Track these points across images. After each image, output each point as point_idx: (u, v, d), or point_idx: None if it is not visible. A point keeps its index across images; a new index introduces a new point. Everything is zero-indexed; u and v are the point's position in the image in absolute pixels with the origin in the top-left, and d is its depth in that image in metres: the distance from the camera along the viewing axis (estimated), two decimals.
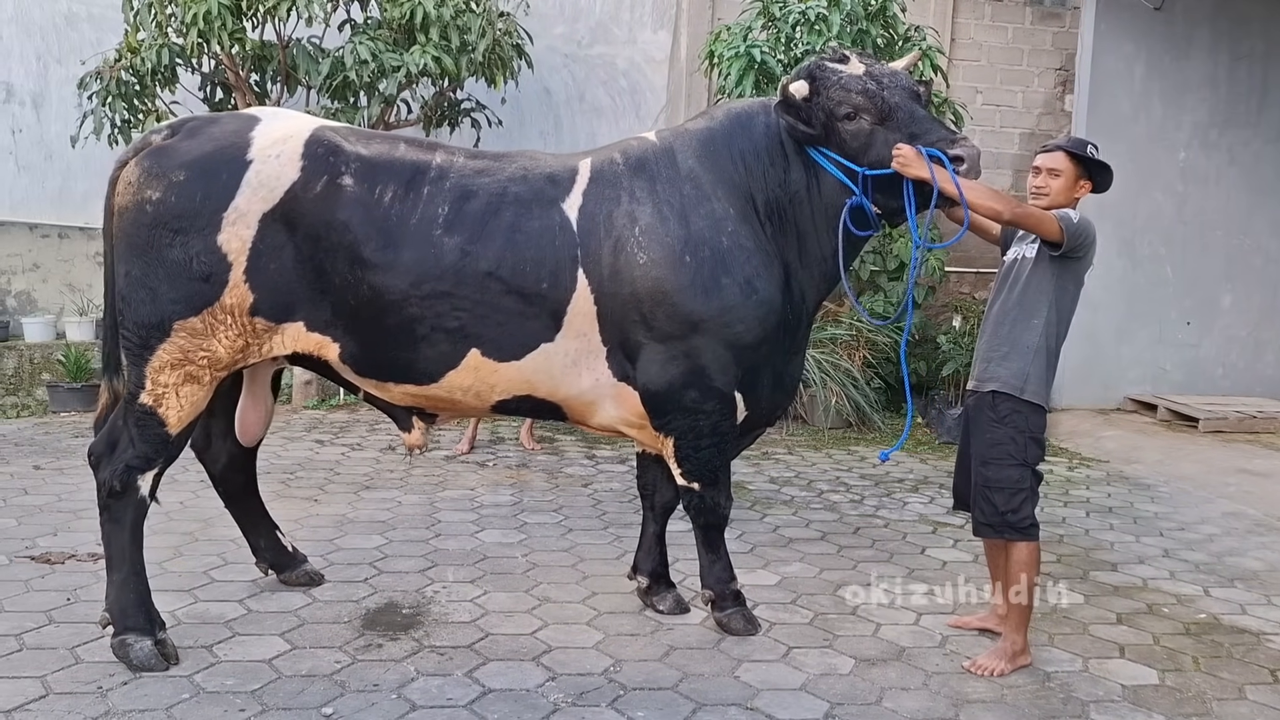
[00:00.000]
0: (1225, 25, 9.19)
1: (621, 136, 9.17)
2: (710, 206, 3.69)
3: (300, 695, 3.28)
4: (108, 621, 3.51)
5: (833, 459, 7.30)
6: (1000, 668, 3.67)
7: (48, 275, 8.92)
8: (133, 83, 7.56)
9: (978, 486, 3.78)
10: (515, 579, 4.47)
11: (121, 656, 3.44)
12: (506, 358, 3.63)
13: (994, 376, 3.76)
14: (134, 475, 3.54)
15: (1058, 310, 3.74)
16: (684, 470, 3.83)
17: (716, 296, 3.61)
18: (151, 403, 3.51)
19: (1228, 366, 9.57)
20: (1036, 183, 3.80)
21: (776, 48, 7.74)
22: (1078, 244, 3.65)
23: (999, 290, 3.87)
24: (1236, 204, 9.38)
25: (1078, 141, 3.86)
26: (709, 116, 3.97)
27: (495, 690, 3.37)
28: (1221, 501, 6.43)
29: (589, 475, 6.51)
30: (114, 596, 3.52)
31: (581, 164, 3.79)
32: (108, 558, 3.58)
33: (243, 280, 3.44)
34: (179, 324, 3.45)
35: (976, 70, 9.96)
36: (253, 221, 3.42)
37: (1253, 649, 4.02)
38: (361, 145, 3.62)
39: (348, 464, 6.56)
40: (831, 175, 3.70)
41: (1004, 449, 3.71)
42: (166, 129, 3.61)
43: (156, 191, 3.41)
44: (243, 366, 3.66)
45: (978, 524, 3.82)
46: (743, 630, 3.92)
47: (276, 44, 7.67)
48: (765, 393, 3.87)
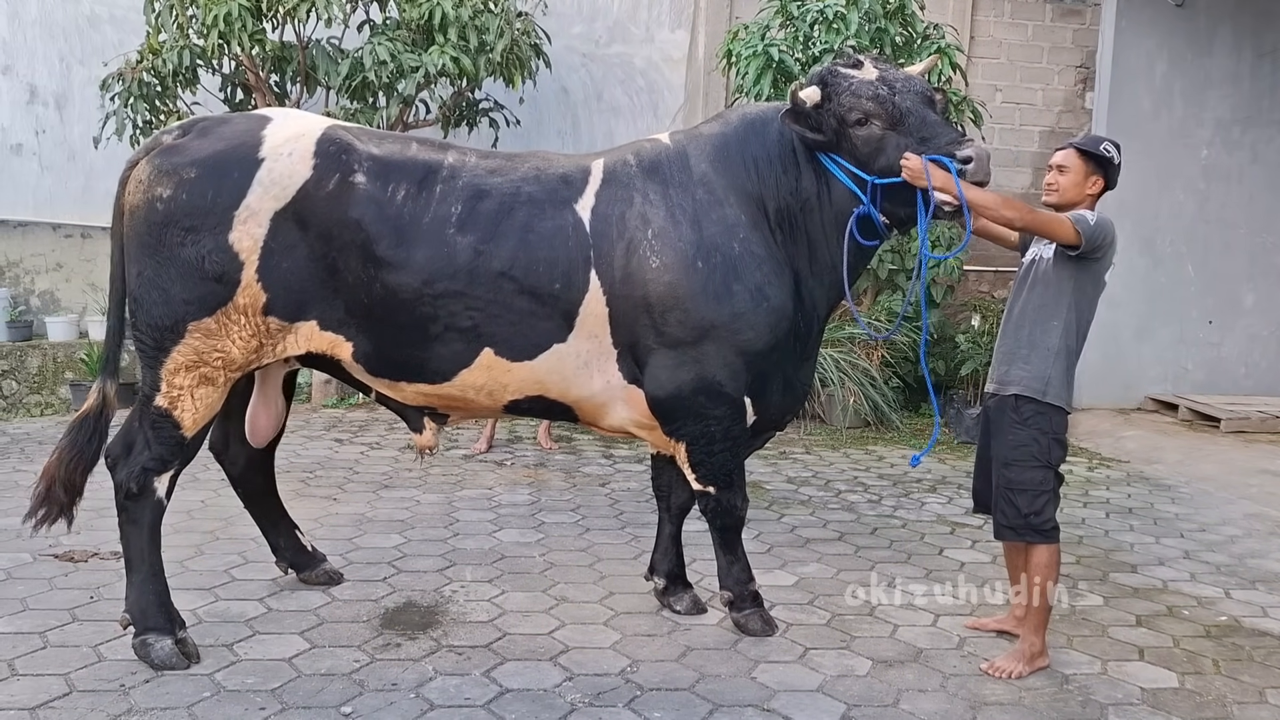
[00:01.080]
0: (1248, 21, 9.10)
1: (639, 136, 9.21)
2: (722, 212, 3.69)
3: (319, 694, 3.30)
4: (128, 622, 3.54)
5: (851, 459, 7.28)
6: (1018, 669, 3.66)
7: (71, 275, 9.02)
8: (154, 84, 7.63)
9: (1000, 489, 3.76)
10: (533, 578, 4.48)
11: (143, 656, 3.47)
12: (520, 357, 3.64)
13: (1015, 379, 3.74)
14: (150, 477, 3.55)
15: (1077, 311, 3.72)
16: (698, 475, 3.84)
17: (728, 303, 3.61)
18: (166, 405, 3.52)
19: (1250, 366, 9.48)
20: (1048, 180, 3.80)
21: (794, 46, 7.73)
22: (1095, 245, 3.63)
23: (1018, 291, 3.85)
24: (1259, 202, 9.29)
25: (1090, 139, 3.84)
26: (723, 120, 3.96)
27: (513, 690, 3.39)
28: (1243, 503, 6.37)
29: (606, 475, 6.52)
30: (134, 597, 3.56)
31: (594, 164, 3.79)
32: (126, 559, 3.60)
33: (255, 279, 3.45)
34: (193, 325, 3.45)
35: (996, 68, 9.91)
36: (264, 220, 3.42)
37: (1274, 652, 3.99)
38: (374, 144, 3.63)
39: (366, 463, 6.60)
40: (840, 185, 3.69)
41: (1027, 451, 3.70)
42: (178, 129, 3.63)
43: (167, 189, 3.41)
44: (256, 367, 3.67)
45: (999, 526, 3.80)
46: (760, 631, 3.92)
47: (296, 45, 7.72)
48: (775, 398, 3.88)
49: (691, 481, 3.88)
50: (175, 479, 3.65)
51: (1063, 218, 3.61)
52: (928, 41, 7.92)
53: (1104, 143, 3.77)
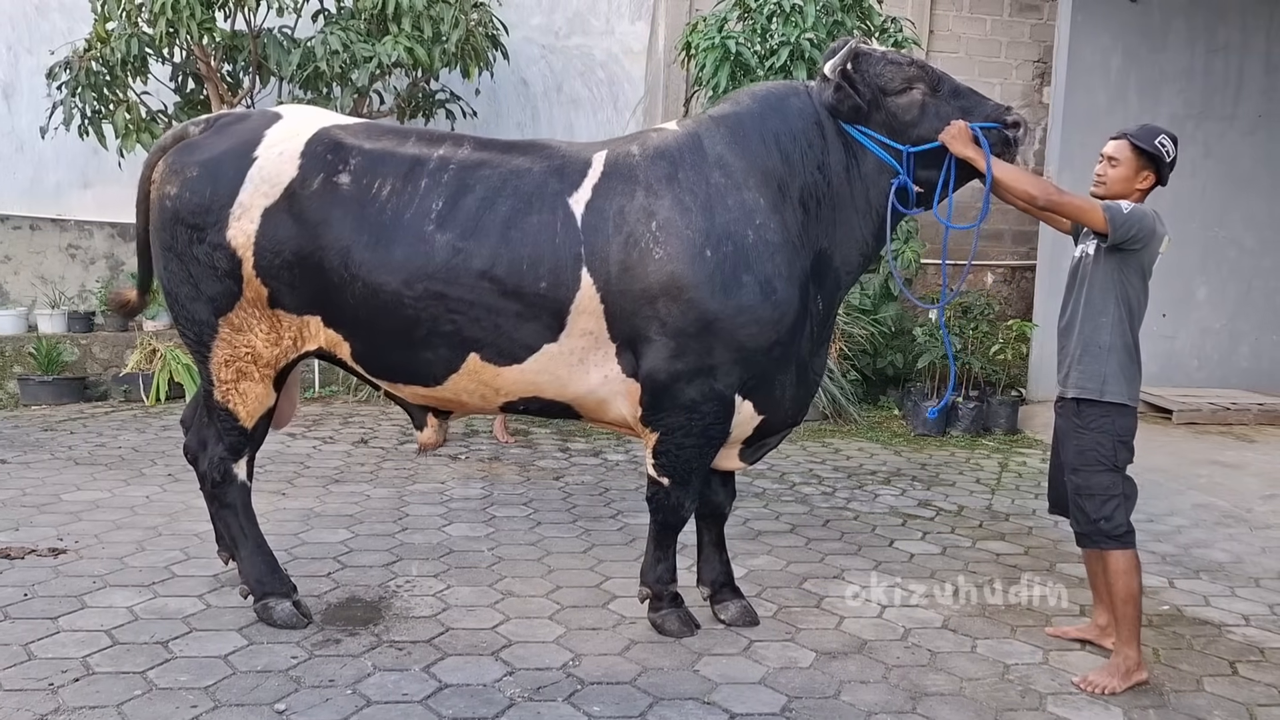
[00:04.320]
0: (1202, 17, 9.20)
1: (600, 128, 9.27)
2: (740, 196, 3.57)
3: (254, 691, 3.25)
4: (247, 592, 3.83)
5: (807, 451, 7.29)
6: (1113, 685, 3.49)
7: (19, 268, 8.85)
8: (103, 73, 7.51)
9: (1071, 496, 3.68)
10: (480, 573, 4.44)
11: (265, 619, 3.74)
12: (507, 361, 3.56)
13: (1074, 382, 3.65)
14: (228, 464, 3.80)
15: (1127, 305, 3.60)
16: (659, 464, 3.73)
17: (735, 294, 3.49)
18: (221, 399, 3.72)
19: (1203, 359, 9.60)
20: (1098, 170, 3.67)
21: (752, 39, 7.72)
22: (1131, 234, 3.49)
23: (1069, 291, 3.74)
24: (1212, 196, 9.39)
25: (1146, 131, 3.65)
26: (734, 102, 3.84)
27: (452, 685, 3.35)
28: (1192, 493, 6.45)
29: (561, 468, 6.49)
30: (247, 569, 3.84)
31: (596, 156, 3.66)
32: (231, 539, 3.89)
33: (254, 275, 3.54)
34: (221, 320, 3.61)
35: (954, 62, 9.93)
36: (255, 216, 3.50)
37: (1213, 641, 4.03)
38: (367, 140, 3.60)
39: (318, 457, 6.53)
40: (872, 155, 3.66)
41: (1091, 455, 3.60)
42: (203, 122, 3.76)
43: (174, 187, 3.57)
44: (289, 363, 3.73)
45: (1077, 535, 3.73)
46: (677, 632, 3.81)
47: (248, 34, 7.61)
48: (789, 391, 3.78)
49: (649, 467, 3.77)
50: (252, 461, 3.90)
51: (1093, 203, 3.51)
52: (886, 35, 7.92)
53: (1160, 135, 3.60)
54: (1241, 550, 5.27)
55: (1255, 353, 9.71)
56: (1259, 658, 3.88)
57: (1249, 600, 4.51)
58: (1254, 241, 9.60)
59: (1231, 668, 3.77)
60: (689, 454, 3.70)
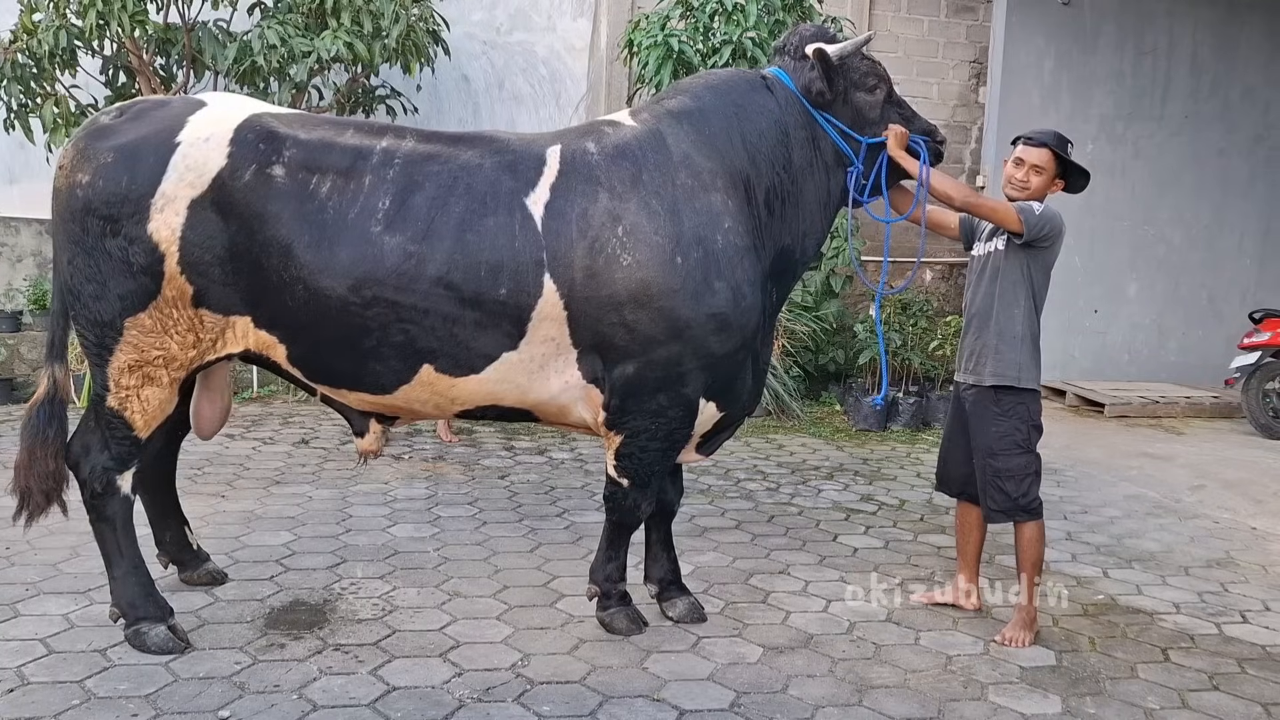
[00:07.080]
0: (1130, 21, 9.45)
1: (542, 125, 9.23)
2: (708, 200, 3.50)
3: (197, 698, 3.20)
4: (118, 615, 3.57)
5: (751, 448, 7.35)
6: (1027, 637, 3.88)
7: None
8: (29, 65, 7.26)
9: (988, 478, 3.92)
10: (426, 574, 4.41)
11: (138, 645, 3.49)
12: (464, 371, 3.43)
13: (991, 371, 3.90)
14: (113, 475, 3.53)
15: (1034, 298, 3.90)
16: (621, 466, 3.68)
17: (706, 301, 3.44)
18: (117, 406, 3.45)
19: (1133, 353, 9.88)
20: (1019, 175, 3.87)
21: (695, 37, 7.75)
22: (1043, 233, 3.80)
23: (976, 285, 4.00)
24: (1141, 195, 9.67)
25: (1058, 139, 3.92)
26: (693, 95, 3.73)
27: (400, 688, 3.32)
28: (1124, 484, 6.63)
29: (506, 467, 6.46)
30: (119, 591, 3.57)
31: (549, 152, 3.51)
32: (105, 555, 3.62)
33: (178, 272, 3.29)
34: (129, 321, 3.34)
35: (893, 62, 10.05)
36: (181, 208, 3.26)
37: (1146, 628, 4.15)
38: (302, 131, 3.39)
39: (258, 459, 6.42)
40: (832, 145, 3.76)
41: (1011, 439, 3.89)
42: (117, 110, 3.49)
43: (86, 174, 3.28)
44: (200, 366, 3.50)
45: (990, 512, 3.97)
46: (626, 630, 3.81)
47: (181, 27, 7.44)
48: (746, 386, 3.83)
49: (609, 468, 3.72)
50: (139, 474, 3.61)
51: (1007, 205, 3.79)
52: None
53: (1068, 144, 3.93)
54: (1171, 540, 5.43)
55: (1183, 347, 10.01)
56: (1189, 644, 4.00)
57: (1179, 589, 4.65)
58: (1181, 239, 9.90)
59: (1164, 654, 3.89)
60: (652, 457, 3.68)
